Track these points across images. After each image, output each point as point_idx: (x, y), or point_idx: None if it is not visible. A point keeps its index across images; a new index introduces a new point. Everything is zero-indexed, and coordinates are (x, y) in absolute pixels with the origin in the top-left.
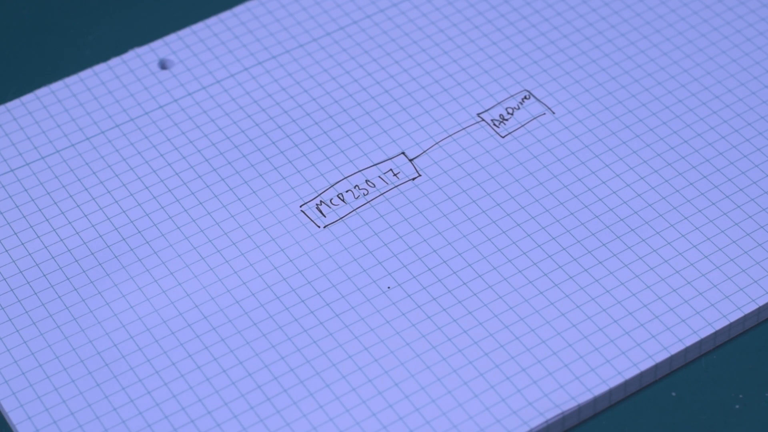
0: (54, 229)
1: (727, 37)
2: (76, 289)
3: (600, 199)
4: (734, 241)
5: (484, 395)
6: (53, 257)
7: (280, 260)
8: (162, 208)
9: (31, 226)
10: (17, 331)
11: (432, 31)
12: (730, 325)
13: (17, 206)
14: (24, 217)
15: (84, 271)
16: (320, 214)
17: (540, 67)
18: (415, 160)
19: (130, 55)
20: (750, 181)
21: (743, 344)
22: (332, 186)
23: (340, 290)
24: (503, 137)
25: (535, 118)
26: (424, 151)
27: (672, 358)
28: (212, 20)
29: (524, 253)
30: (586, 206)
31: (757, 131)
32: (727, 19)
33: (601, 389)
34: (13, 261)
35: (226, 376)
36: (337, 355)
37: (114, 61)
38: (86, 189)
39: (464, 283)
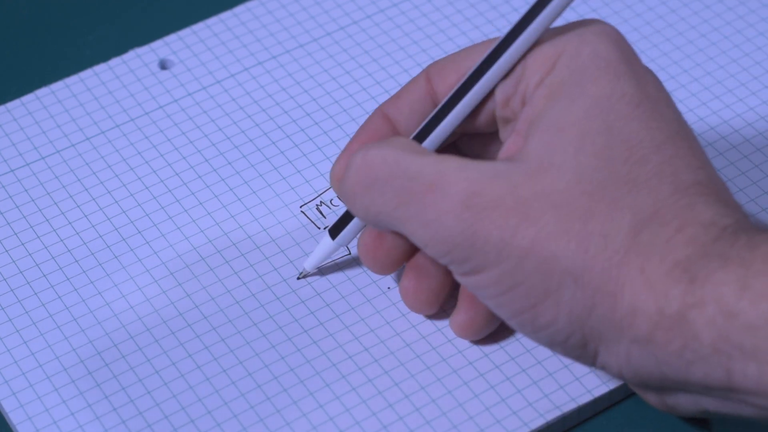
0: (54, 229)
1: (727, 38)
2: (76, 290)
3: None
4: None
5: (485, 395)
6: (53, 257)
7: (281, 261)
8: (162, 208)
9: (31, 226)
10: (17, 331)
11: (432, 31)
12: None
13: (17, 206)
14: (24, 217)
15: (84, 272)
16: (320, 215)
17: None
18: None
19: (130, 55)
20: (750, 182)
21: None
22: None
23: (341, 291)
24: None
25: None
26: None
27: None
28: (212, 20)
29: None
30: None
31: (757, 131)
32: (727, 20)
33: (601, 390)
34: (13, 261)
35: (226, 376)
36: (337, 355)
37: (114, 61)
38: (86, 189)
39: None
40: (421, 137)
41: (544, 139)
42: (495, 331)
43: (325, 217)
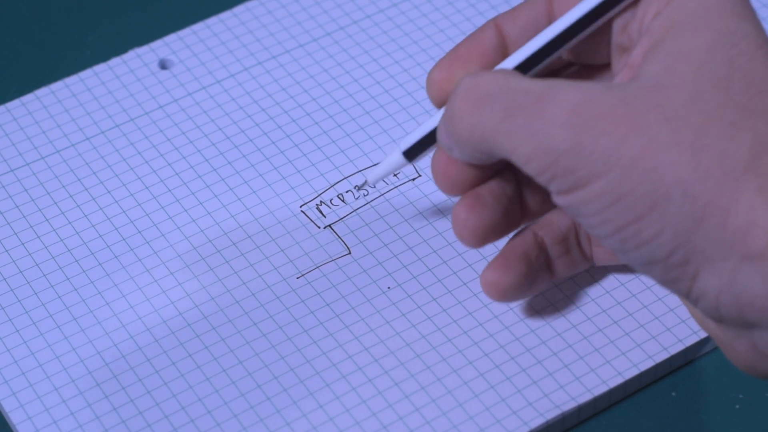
0: (54, 229)
1: None
2: (76, 289)
3: None
4: None
5: (485, 395)
6: (53, 257)
7: (281, 261)
8: (162, 208)
9: (31, 226)
10: (17, 331)
11: (432, 31)
12: None
13: (17, 206)
14: (24, 217)
15: (84, 271)
16: (320, 215)
17: None
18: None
19: (130, 55)
20: None
21: None
22: (332, 186)
23: (341, 290)
24: None
25: None
26: None
27: (672, 358)
28: (212, 20)
29: None
30: None
31: None
32: None
33: (601, 389)
34: (13, 261)
35: (225, 376)
36: (337, 355)
37: (114, 61)
38: (86, 189)
39: (464, 284)
40: (528, 63)
41: (663, 63)
42: (495, 332)
43: (325, 217)
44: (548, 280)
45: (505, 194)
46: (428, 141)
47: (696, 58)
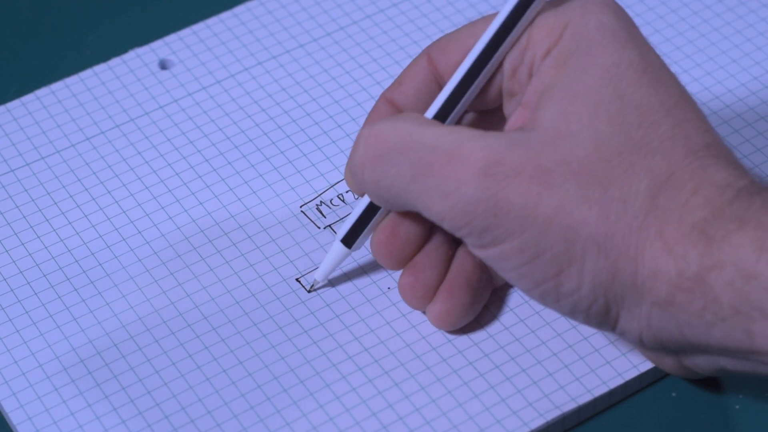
0: (54, 230)
1: (727, 38)
2: (76, 290)
3: None
4: None
5: (485, 396)
6: (53, 257)
7: (281, 261)
8: (162, 208)
9: (31, 226)
10: (17, 331)
11: (432, 32)
12: None
13: (17, 206)
14: (24, 217)
15: (84, 272)
16: (320, 215)
17: None
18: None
19: (130, 55)
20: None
21: None
22: (332, 186)
23: (341, 291)
24: None
25: None
26: None
27: None
28: (212, 20)
29: None
30: None
31: (757, 131)
32: (727, 20)
33: (601, 390)
34: (13, 261)
35: (226, 376)
36: (337, 356)
37: (114, 61)
38: (86, 189)
39: None
40: (435, 118)
41: (558, 108)
42: (495, 332)
43: (325, 217)
44: (491, 289)
45: (441, 250)
46: (362, 225)
47: (588, 98)
